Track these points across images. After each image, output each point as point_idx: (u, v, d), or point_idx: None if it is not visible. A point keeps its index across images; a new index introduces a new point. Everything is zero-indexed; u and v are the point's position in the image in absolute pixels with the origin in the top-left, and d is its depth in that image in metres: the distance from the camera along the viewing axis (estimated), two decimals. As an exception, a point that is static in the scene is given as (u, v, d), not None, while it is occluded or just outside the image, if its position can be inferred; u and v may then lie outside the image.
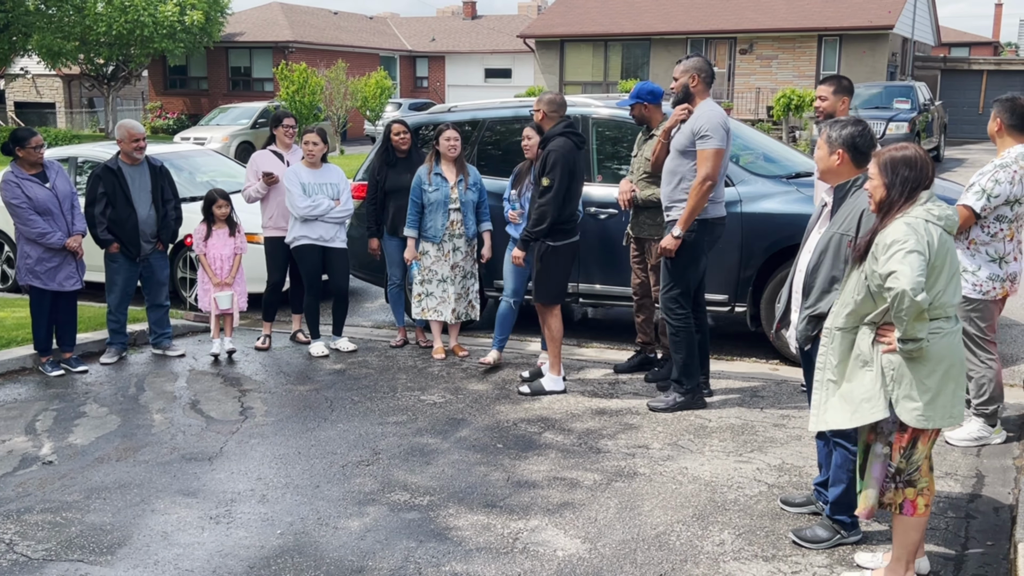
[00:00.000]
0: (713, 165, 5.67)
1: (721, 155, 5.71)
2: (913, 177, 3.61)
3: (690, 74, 5.85)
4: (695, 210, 5.74)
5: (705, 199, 5.74)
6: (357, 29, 44.28)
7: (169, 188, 7.41)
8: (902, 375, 3.59)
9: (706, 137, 5.68)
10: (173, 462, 5.25)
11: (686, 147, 5.78)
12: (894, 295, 3.43)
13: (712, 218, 5.87)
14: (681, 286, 5.90)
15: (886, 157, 3.66)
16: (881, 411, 3.64)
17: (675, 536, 4.31)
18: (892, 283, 3.44)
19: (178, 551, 4.22)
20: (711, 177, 5.68)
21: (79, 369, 7.02)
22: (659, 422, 5.79)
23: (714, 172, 5.68)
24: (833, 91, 5.76)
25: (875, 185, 3.66)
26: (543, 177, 6.08)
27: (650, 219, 6.41)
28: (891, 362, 3.61)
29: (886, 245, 3.51)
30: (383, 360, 7.26)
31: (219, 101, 36.58)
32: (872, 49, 29.71)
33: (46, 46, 31.42)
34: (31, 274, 6.80)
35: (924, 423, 3.60)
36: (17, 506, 4.70)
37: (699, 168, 5.70)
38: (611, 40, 33.18)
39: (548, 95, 6.36)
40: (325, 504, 4.68)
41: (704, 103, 5.84)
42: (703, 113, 5.76)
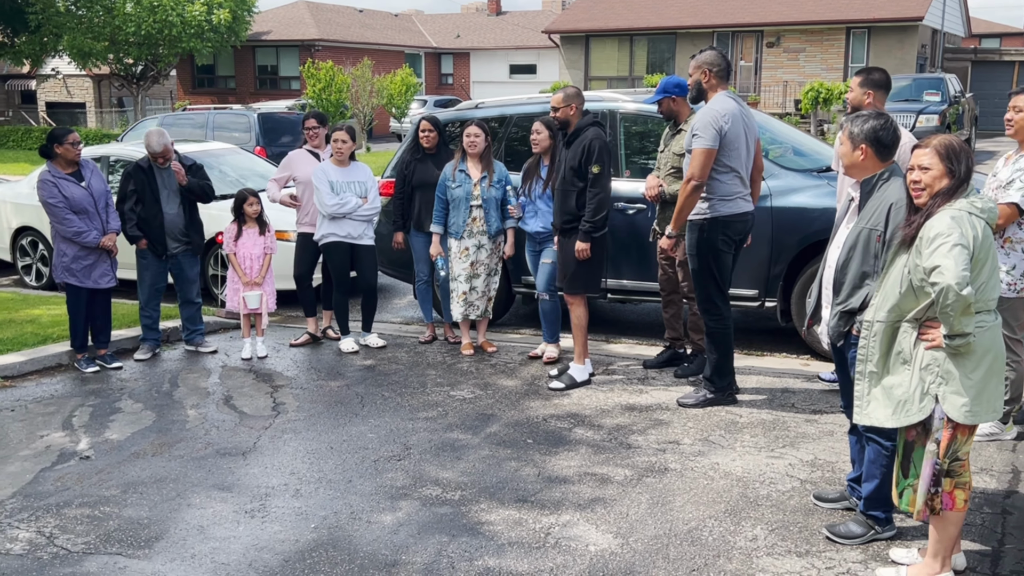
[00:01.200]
0: (699, 164, 5.60)
1: (710, 155, 5.59)
2: (967, 167, 3.59)
3: (702, 70, 5.75)
4: (683, 209, 5.73)
5: (692, 199, 5.68)
6: (382, 26, 44.42)
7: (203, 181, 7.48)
8: (949, 372, 3.56)
9: (697, 136, 5.62)
10: (208, 457, 5.31)
11: (688, 146, 5.75)
12: (939, 290, 3.41)
13: (725, 216, 5.75)
14: (709, 286, 5.85)
15: (944, 144, 3.61)
16: (919, 414, 3.62)
17: (707, 531, 4.30)
18: (936, 278, 3.42)
19: (214, 545, 4.27)
20: (694, 177, 5.62)
21: (114, 365, 7.11)
22: (689, 418, 5.78)
23: (700, 172, 5.61)
24: (859, 82, 5.68)
25: (935, 175, 3.60)
26: (591, 166, 6.12)
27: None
28: (936, 359, 3.58)
29: (930, 239, 3.49)
30: (412, 356, 7.29)
31: (247, 100, 36.82)
32: (901, 41, 29.39)
33: (76, 47, 31.77)
34: (67, 272, 6.90)
35: (972, 419, 3.57)
36: (56, 500, 4.77)
37: (688, 168, 5.68)
38: (636, 34, 33.03)
39: (571, 90, 6.39)
40: (358, 498, 4.72)
41: (715, 98, 5.72)
42: (703, 111, 5.70)
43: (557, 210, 6.41)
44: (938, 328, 3.55)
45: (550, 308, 6.91)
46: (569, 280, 6.40)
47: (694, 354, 6.64)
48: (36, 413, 6.12)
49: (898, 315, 3.68)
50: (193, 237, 7.46)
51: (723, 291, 5.89)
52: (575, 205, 6.26)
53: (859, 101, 5.66)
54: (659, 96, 6.39)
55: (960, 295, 3.37)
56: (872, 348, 3.77)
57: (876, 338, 3.75)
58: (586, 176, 6.19)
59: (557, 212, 6.41)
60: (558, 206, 6.38)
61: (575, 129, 6.31)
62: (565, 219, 6.33)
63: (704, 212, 5.75)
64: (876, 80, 5.71)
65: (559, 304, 6.91)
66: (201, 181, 7.43)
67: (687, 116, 6.40)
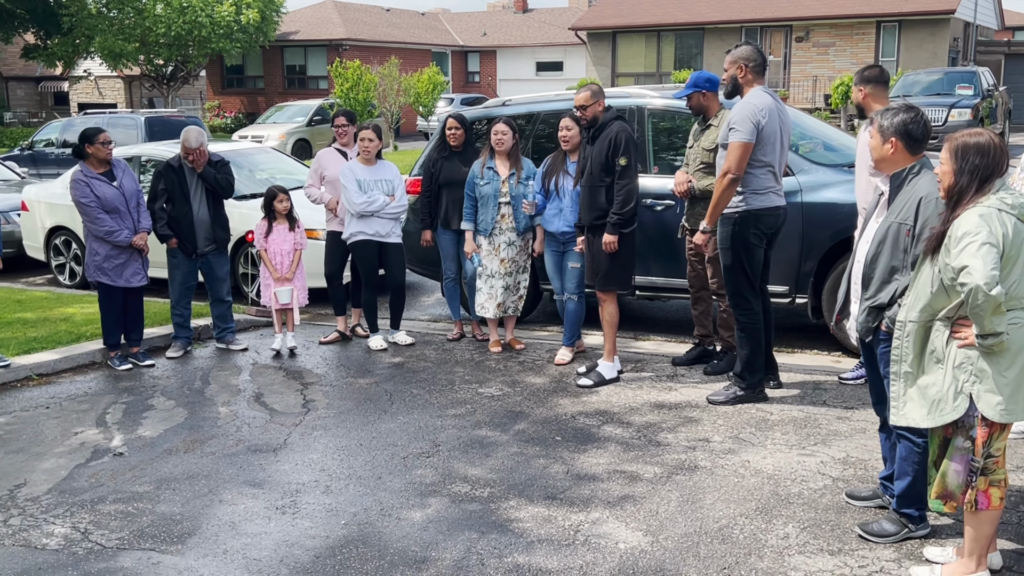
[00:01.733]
0: (736, 158, 5.58)
1: (747, 149, 5.57)
2: (984, 165, 3.52)
3: (738, 64, 5.74)
4: (718, 203, 5.70)
5: (728, 193, 5.65)
6: (409, 25, 44.55)
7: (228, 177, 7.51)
8: (983, 370, 3.51)
9: (733, 130, 5.61)
10: (239, 454, 5.36)
11: (724, 140, 5.73)
12: (968, 291, 3.36)
13: (758, 209, 5.74)
14: (739, 280, 5.82)
15: (958, 143, 3.57)
16: (953, 413, 3.58)
17: (738, 529, 4.28)
18: (965, 278, 3.37)
19: (246, 540, 4.30)
20: (731, 170, 5.60)
21: (146, 363, 7.19)
22: (719, 415, 5.75)
23: (736, 166, 5.58)
24: (855, 81, 5.80)
25: (945, 171, 3.58)
26: (619, 158, 6.12)
27: (706, 210, 6.35)
28: (969, 358, 3.54)
29: (958, 237, 3.44)
30: (440, 353, 7.31)
31: (275, 99, 37.10)
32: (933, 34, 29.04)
33: (108, 48, 32.15)
34: (99, 271, 6.98)
35: (1007, 417, 3.53)
36: (91, 496, 4.83)
37: (725, 161, 5.65)
38: (664, 30, 32.90)
39: (594, 87, 6.40)
40: (388, 495, 4.74)
41: (751, 93, 5.71)
42: (741, 105, 5.68)
43: (586, 207, 6.37)
44: (971, 326, 3.51)
45: (575, 309, 6.86)
46: (603, 277, 6.36)
47: (724, 351, 6.60)
48: (70, 410, 6.20)
49: (930, 314, 3.64)
50: (219, 234, 7.51)
51: (754, 286, 5.86)
52: (605, 200, 6.23)
53: (857, 100, 5.74)
54: (689, 90, 6.37)
55: (989, 295, 3.32)
56: (906, 348, 3.73)
57: (909, 338, 3.70)
58: (613, 170, 6.17)
59: (586, 209, 6.37)
60: (587, 203, 6.35)
61: (600, 124, 6.30)
62: (595, 216, 6.30)
63: (737, 206, 5.73)
64: (867, 76, 5.79)
65: (584, 307, 6.89)
66: (221, 175, 7.45)
67: (716, 111, 6.37)
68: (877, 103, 5.66)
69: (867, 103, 5.77)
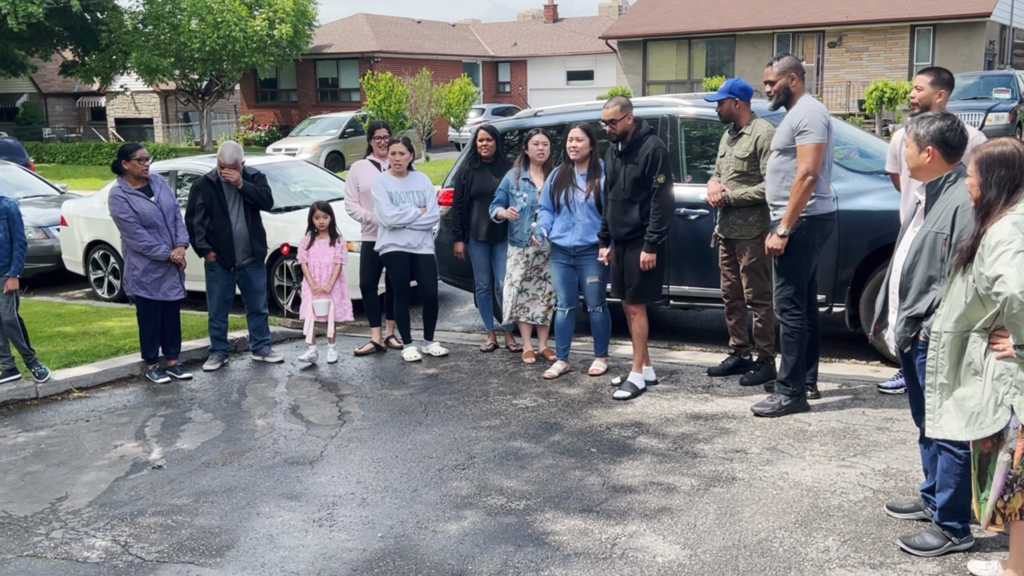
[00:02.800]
0: (813, 160, 5.58)
1: (821, 150, 5.60)
2: (1010, 176, 3.49)
3: (788, 74, 5.76)
4: (798, 207, 5.65)
5: (807, 195, 5.64)
6: (440, 37, 44.77)
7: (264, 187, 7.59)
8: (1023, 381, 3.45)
9: (805, 132, 5.59)
10: (276, 466, 5.39)
11: (787, 144, 5.69)
12: (1003, 300, 3.31)
13: (821, 214, 5.77)
14: (794, 285, 5.79)
15: (982, 155, 3.54)
16: (993, 426, 3.52)
17: (777, 543, 4.23)
18: (1000, 288, 3.32)
19: (284, 553, 4.33)
20: (811, 172, 5.58)
21: (184, 376, 7.26)
22: (757, 426, 5.69)
23: (815, 167, 5.58)
24: (931, 82, 5.64)
25: (972, 184, 3.55)
26: (657, 176, 6.12)
27: (741, 219, 6.33)
28: (1009, 369, 3.48)
29: (991, 247, 3.39)
30: (474, 364, 7.31)
31: (308, 112, 37.43)
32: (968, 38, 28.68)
33: (144, 63, 32.63)
34: (138, 285, 7.07)
35: None
36: (130, 509, 4.88)
37: (800, 164, 5.61)
38: (695, 38, 32.79)
39: (623, 100, 6.34)
40: (423, 508, 4.74)
41: (803, 99, 5.75)
42: (802, 108, 5.67)
43: (616, 221, 6.33)
44: (1008, 337, 3.45)
45: (601, 320, 6.82)
46: (635, 291, 6.35)
47: (760, 361, 6.54)
48: (110, 423, 6.27)
49: (966, 325, 3.59)
50: (257, 247, 7.59)
51: (803, 292, 5.84)
52: (638, 215, 6.23)
53: (930, 100, 5.61)
54: (724, 96, 6.33)
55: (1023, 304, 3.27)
56: (942, 359, 3.67)
57: (945, 349, 3.65)
58: (649, 186, 6.17)
59: (616, 223, 6.33)
60: (618, 217, 6.31)
61: (634, 139, 6.26)
62: (627, 231, 6.29)
63: (805, 210, 5.71)
64: (947, 80, 5.65)
65: (609, 316, 6.86)
66: (260, 188, 7.54)
67: (747, 120, 6.33)
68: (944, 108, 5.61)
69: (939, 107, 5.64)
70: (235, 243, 7.43)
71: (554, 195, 6.74)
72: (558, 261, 6.81)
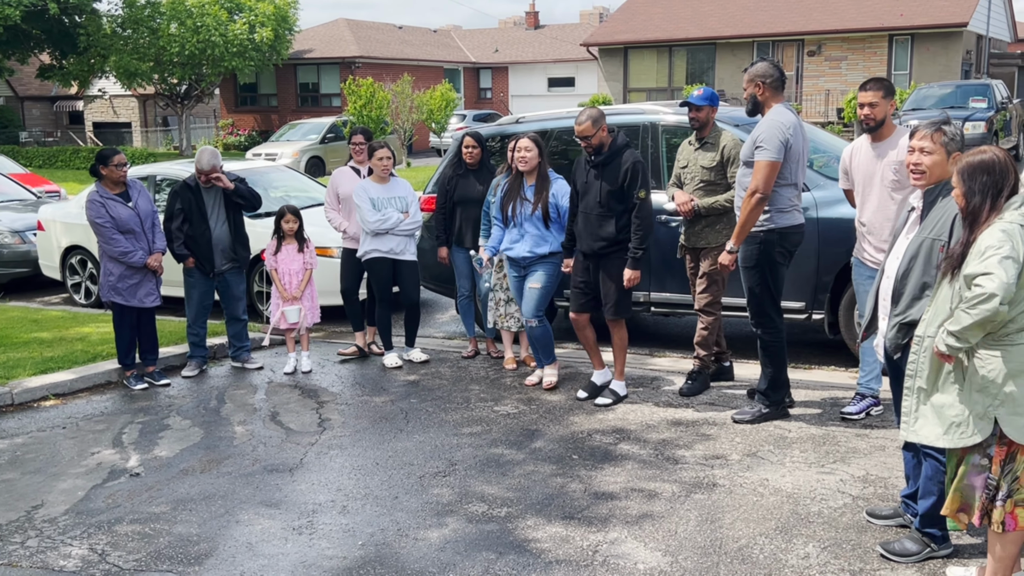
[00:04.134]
0: (764, 178, 5.53)
1: (775, 168, 5.53)
2: (993, 182, 3.52)
3: (755, 83, 5.69)
4: (747, 223, 5.63)
5: (756, 212, 5.60)
6: (421, 43, 44.76)
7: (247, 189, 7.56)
8: (1008, 395, 3.47)
9: (761, 148, 5.55)
10: (255, 473, 5.35)
11: (748, 158, 5.69)
12: (980, 293, 3.36)
13: (784, 227, 5.72)
14: (765, 298, 5.79)
15: (963, 165, 3.57)
16: (973, 437, 3.54)
17: (758, 549, 4.24)
18: (984, 282, 3.36)
19: (263, 562, 4.29)
20: (759, 190, 5.54)
21: (162, 383, 7.20)
22: (737, 432, 5.71)
23: (765, 185, 5.53)
24: (883, 95, 5.33)
25: (956, 195, 3.58)
26: (637, 191, 6.02)
27: (708, 227, 6.34)
28: (993, 383, 3.50)
29: (980, 251, 3.42)
30: (455, 371, 7.30)
31: (288, 117, 37.29)
32: (945, 47, 28.98)
33: (122, 67, 32.40)
34: (113, 291, 7.01)
35: None
36: (108, 517, 4.83)
37: (752, 180, 5.58)
38: (675, 45, 32.94)
39: (594, 112, 6.12)
40: (404, 515, 4.72)
41: (772, 110, 5.67)
42: (764, 123, 5.63)
43: (590, 235, 6.20)
44: None
45: (541, 333, 6.68)
46: (615, 306, 6.27)
47: (697, 372, 6.51)
48: (87, 430, 6.21)
49: None
50: (240, 253, 7.55)
51: (777, 304, 5.84)
52: (614, 230, 6.12)
53: (885, 113, 5.32)
54: (705, 102, 6.30)
55: (996, 308, 3.32)
56: (922, 363, 3.70)
57: (927, 353, 3.68)
58: (626, 200, 6.09)
59: (590, 237, 6.20)
60: (592, 231, 6.18)
61: (611, 151, 6.12)
62: (601, 244, 6.17)
63: (762, 224, 5.69)
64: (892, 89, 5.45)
65: (549, 327, 6.75)
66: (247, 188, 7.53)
67: (710, 131, 6.34)
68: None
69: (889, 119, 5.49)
70: (214, 248, 7.38)
71: (505, 208, 6.67)
72: (513, 275, 6.81)
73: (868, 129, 5.40)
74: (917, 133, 4.10)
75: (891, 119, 5.43)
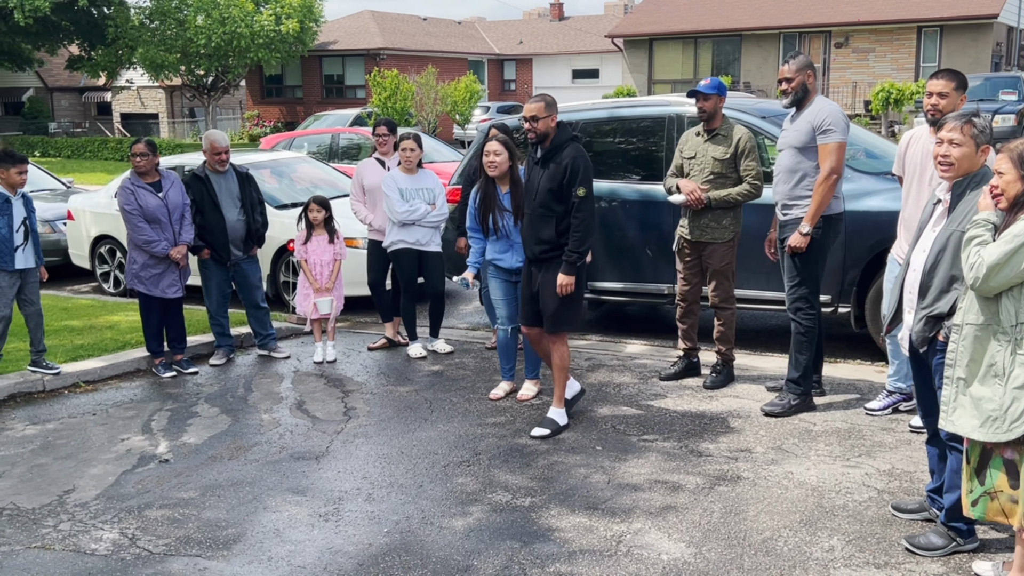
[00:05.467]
0: (838, 159, 5.62)
1: (843, 148, 5.66)
2: None
3: (805, 71, 5.77)
4: (822, 205, 5.66)
5: (831, 193, 5.67)
6: (446, 34, 44.78)
7: (255, 193, 7.61)
8: None
9: (829, 131, 5.63)
10: (282, 461, 5.41)
11: (806, 144, 5.71)
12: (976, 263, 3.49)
13: (836, 213, 5.82)
14: (810, 285, 5.82)
15: (1020, 151, 3.53)
16: (1009, 433, 3.51)
17: (782, 542, 4.24)
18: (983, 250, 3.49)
19: (290, 548, 4.34)
20: (836, 171, 5.62)
21: (190, 371, 7.28)
22: (761, 425, 5.70)
23: (839, 165, 5.63)
24: (955, 87, 5.20)
25: (1009, 180, 3.53)
26: (576, 188, 5.46)
27: (715, 222, 6.25)
28: None
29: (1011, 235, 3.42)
30: (479, 361, 7.33)
31: (313, 108, 37.46)
32: (975, 39, 28.64)
33: (150, 59, 32.69)
34: (136, 279, 7.09)
35: None
36: (138, 502, 4.90)
37: (823, 163, 5.64)
38: (701, 37, 32.78)
39: (549, 98, 5.65)
40: (429, 503, 4.76)
41: (819, 98, 5.80)
42: (824, 108, 5.71)
43: (530, 238, 5.67)
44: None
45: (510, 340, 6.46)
46: (552, 318, 5.65)
47: (722, 364, 6.49)
48: (117, 417, 6.29)
49: (987, 318, 3.59)
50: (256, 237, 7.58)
51: (818, 291, 5.88)
52: (555, 232, 5.56)
53: (954, 106, 5.19)
54: (714, 91, 6.21)
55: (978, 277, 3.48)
56: (961, 352, 3.67)
57: (965, 342, 3.65)
58: (566, 199, 5.51)
59: (530, 240, 5.67)
60: (531, 233, 5.65)
61: (552, 145, 5.56)
62: (542, 248, 5.61)
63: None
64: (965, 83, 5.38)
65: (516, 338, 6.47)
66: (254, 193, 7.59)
67: (720, 122, 6.28)
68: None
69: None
70: (229, 237, 7.42)
71: (483, 218, 6.22)
72: (498, 277, 6.34)
73: (932, 121, 5.33)
74: (946, 125, 4.05)
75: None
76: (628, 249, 7.65)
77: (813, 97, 5.80)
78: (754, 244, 6.69)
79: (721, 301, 6.37)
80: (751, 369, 6.80)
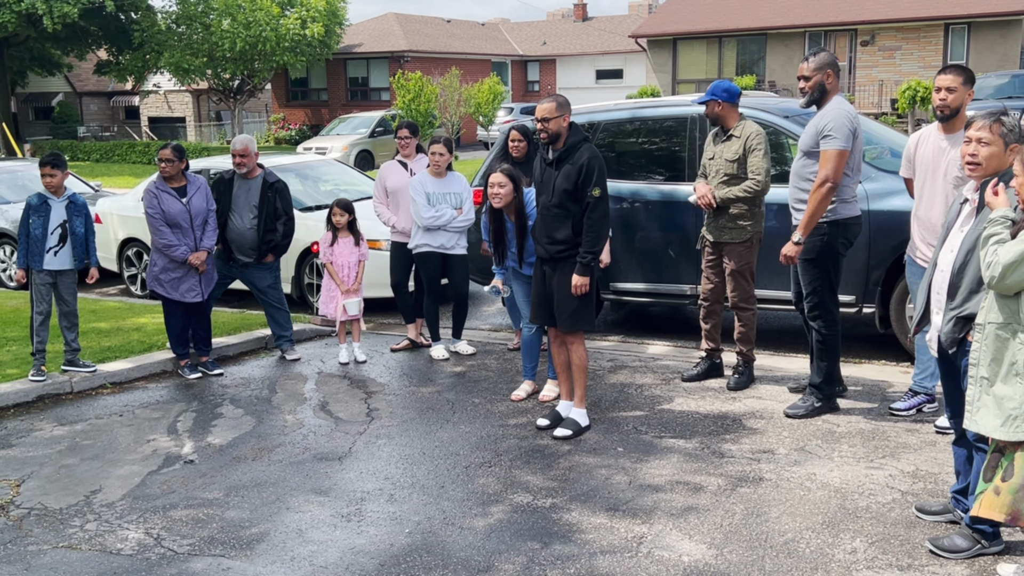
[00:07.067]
0: (834, 167, 5.48)
1: (844, 157, 5.50)
2: None
3: (824, 71, 5.63)
4: (815, 214, 5.57)
5: (826, 202, 5.54)
6: (469, 36, 44.86)
7: (282, 205, 7.61)
8: None
9: (829, 137, 5.51)
10: (305, 461, 5.45)
11: (811, 147, 5.64)
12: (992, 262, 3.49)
13: (846, 218, 5.68)
14: (824, 291, 5.75)
15: None
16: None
17: (804, 543, 4.22)
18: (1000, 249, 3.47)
19: (313, 548, 4.38)
20: (830, 179, 5.49)
21: (215, 372, 7.34)
22: (784, 427, 5.67)
23: (835, 174, 5.49)
24: (963, 81, 5.26)
25: (1022, 182, 3.51)
26: (591, 189, 5.44)
27: (731, 223, 6.24)
28: None
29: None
30: (501, 363, 7.34)
31: (338, 111, 37.67)
32: (1004, 36, 28.30)
33: (176, 63, 33.02)
34: (156, 281, 7.17)
35: None
36: (163, 502, 4.96)
37: (820, 169, 5.53)
38: (725, 36, 32.61)
39: (561, 98, 5.61)
40: (450, 504, 4.78)
41: (834, 100, 5.66)
42: (830, 111, 5.59)
43: (545, 238, 5.65)
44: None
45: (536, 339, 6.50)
46: (569, 318, 5.66)
47: (744, 365, 6.47)
48: (143, 418, 6.37)
49: (1008, 316, 3.55)
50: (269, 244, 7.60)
51: (836, 297, 5.80)
52: (571, 232, 5.56)
53: (962, 101, 5.25)
54: (708, 98, 6.23)
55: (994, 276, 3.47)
56: (984, 351, 3.65)
57: (988, 341, 3.63)
58: (581, 200, 5.50)
59: (545, 240, 5.66)
60: (546, 233, 5.64)
61: (567, 146, 5.55)
62: (556, 248, 5.61)
63: (827, 216, 5.63)
64: (973, 77, 5.40)
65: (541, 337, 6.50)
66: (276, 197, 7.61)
67: (735, 123, 6.24)
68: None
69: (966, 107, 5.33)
70: (234, 243, 7.50)
71: (496, 250, 6.28)
72: (521, 280, 6.39)
73: (941, 117, 5.27)
74: (974, 123, 4.02)
75: (966, 110, 5.22)
76: (650, 250, 7.65)
77: (831, 98, 5.66)
78: (777, 244, 6.65)
79: (740, 301, 6.35)
80: (774, 370, 6.76)
